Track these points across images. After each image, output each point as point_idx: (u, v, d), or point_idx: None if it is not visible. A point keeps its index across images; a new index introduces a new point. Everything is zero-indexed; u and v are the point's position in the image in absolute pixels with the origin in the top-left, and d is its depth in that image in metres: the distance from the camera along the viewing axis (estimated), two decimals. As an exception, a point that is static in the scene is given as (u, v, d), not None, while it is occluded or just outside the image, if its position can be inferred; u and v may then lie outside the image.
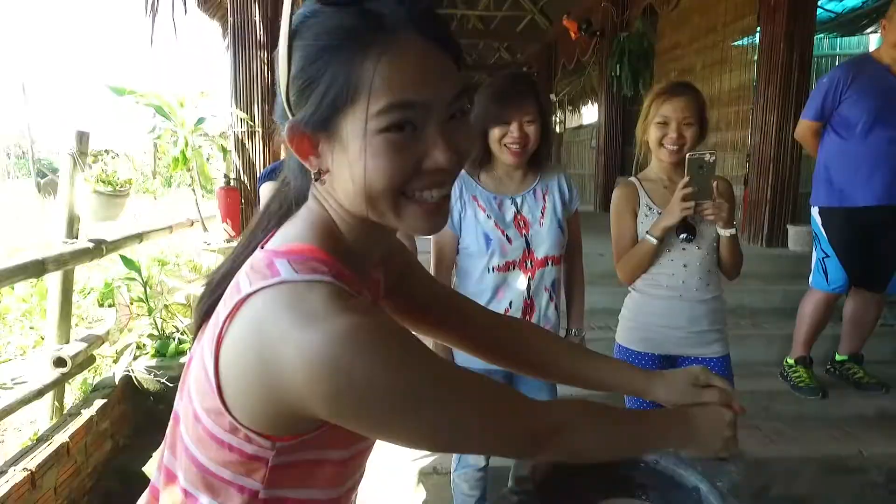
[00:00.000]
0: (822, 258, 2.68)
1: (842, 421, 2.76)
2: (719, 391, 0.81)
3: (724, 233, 1.70)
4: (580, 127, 10.66)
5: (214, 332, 0.57)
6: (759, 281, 3.65)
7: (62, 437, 2.09)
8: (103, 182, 2.27)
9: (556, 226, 1.68)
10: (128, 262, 2.48)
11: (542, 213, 1.67)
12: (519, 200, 1.67)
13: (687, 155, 1.64)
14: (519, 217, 1.66)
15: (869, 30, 5.20)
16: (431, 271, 1.73)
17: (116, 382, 2.48)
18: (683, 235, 1.70)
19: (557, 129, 11.15)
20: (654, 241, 1.69)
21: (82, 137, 2.34)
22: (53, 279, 2.32)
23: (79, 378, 2.66)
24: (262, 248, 0.61)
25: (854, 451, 2.52)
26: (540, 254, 1.66)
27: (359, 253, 0.64)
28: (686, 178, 1.63)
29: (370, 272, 0.71)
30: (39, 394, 2.21)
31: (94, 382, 2.55)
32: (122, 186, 2.32)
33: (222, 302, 0.59)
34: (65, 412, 2.34)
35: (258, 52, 3.69)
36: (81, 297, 3.62)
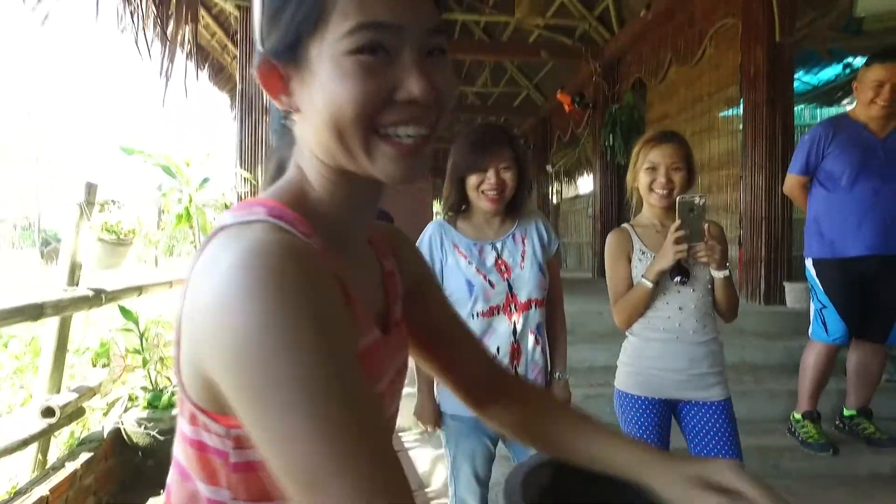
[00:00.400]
0: (820, 309, 2.68)
1: (855, 479, 2.67)
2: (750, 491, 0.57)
3: (718, 275, 1.71)
4: (576, 197, 10.92)
5: (177, 308, 0.52)
6: (760, 338, 3.63)
7: (42, 490, 2.00)
8: (107, 230, 2.31)
9: (536, 268, 1.68)
10: (126, 313, 2.48)
11: (523, 257, 1.69)
12: (499, 245, 1.69)
13: (677, 198, 1.67)
14: (500, 262, 1.68)
15: (845, 101, 5.46)
16: None
17: (105, 436, 2.41)
18: (678, 278, 1.71)
19: (554, 200, 11.40)
20: (649, 284, 1.71)
21: (91, 188, 2.41)
22: (50, 326, 2.32)
23: (66, 431, 2.59)
24: None
25: (870, 509, 2.42)
26: (523, 297, 1.66)
27: (339, 220, 0.57)
28: (677, 222, 1.66)
29: (381, 261, 0.66)
30: (24, 444, 2.14)
31: (82, 436, 2.48)
32: (125, 236, 2.36)
33: None
34: (48, 466, 2.25)
35: (263, 117, 3.87)
36: (76, 356, 3.58)
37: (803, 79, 4.89)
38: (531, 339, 1.70)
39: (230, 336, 0.44)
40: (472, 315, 1.65)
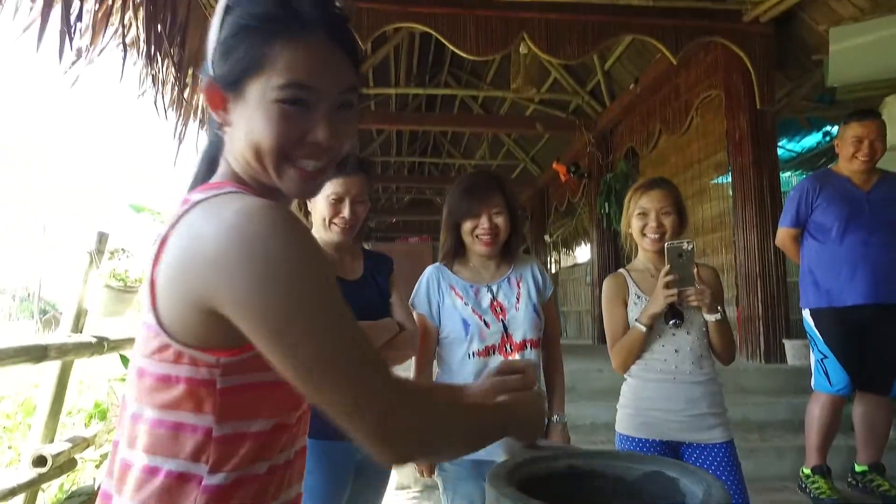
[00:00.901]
0: (821, 359, 2.68)
1: (871, 538, 2.57)
2: (523, 374, 0.85)
3: (710, 318, 1.74)
4: (574, 265, 11.03)
5: (147, 274, 0.63)
6: (763, 395, 3.60)
7: (29, 541, 1.93)
8: (115, 278, 2.36)
9: (531, 310, 1.71)
10: (125, 361, 2.47)
11: (518, 299, 1.72)
12: (494, 288, 1.73)
13: (666, 244, 1.73)
14: (495, 303, 1.71)
15: (829, 166, 5.69)
16: (412, 363, 1.76)
17: (95, 489, 2.34)
18: (672, 322, 1.74)
19: (553, 269, 11.51)
20: (643, 328, 1.73)
21: (102, 237, 2.48)
22: (50, 373, 2.31)
23: (55, 485, 2.50)
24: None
25: (890, 569, 2.32)
26: (518, 337, 1.68)
27: None
28: (667, 267, 1.71)
29: None
30: (12, 493, 2.07)
31: (72, 490, 2.39)
32: (132, 283, 2.41)
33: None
34: (35, 518, 2.18)
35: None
36: (69, 417, 3.51)
37: (787, 146, 5.12)
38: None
39: (253, 267, 0.55)
40: (469, 355, 1.67)
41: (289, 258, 0.57)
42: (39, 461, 2.18)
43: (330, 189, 1.58)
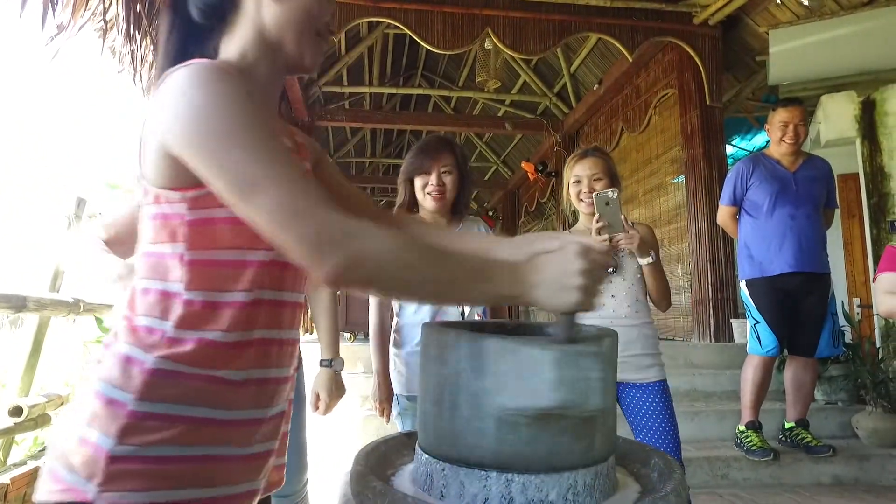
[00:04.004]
0: (754, 325, 2.92)
1: (798, 487, 2.81)
2: (574, 240, 0.70)
3: (642, 261, 1.92)
4: (545, 266, 11.27)
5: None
6: (710, 369, 3.83)
7: (3, 479, 2.03)
8: (92, 240, 2.47)
9: None
10: (101, 325, 2.57)
11: None
12: None
13: (593, 195, 1.89)
14: None
15: (761, 150, 6.06)
16: (371, 304, 1.92)
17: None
18: (610, 269, 1.94)
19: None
20: None
21: (80, 202, 2.59)
22: (27, 328, 2.41)
23: (30, 438, 2.57)
24: None
25: (812, 510, 2.55)
26: None
27: (260, 90, 0.79)
28: (596, 215, 1.89)
29: (294, 137, 0.88)
30: (-11, 439, 2.17)
31: (46, 444, 2.48)
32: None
33: None
34: (9, 464, 2.26)
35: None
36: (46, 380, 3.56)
37: (739, 144, 5.45)
38: (477, 318, 1.89)
39: (192, 107, 0.65)
40: None
41: (221, 98, 0.66)
42: (16, 411, 2.28)
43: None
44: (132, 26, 2.68)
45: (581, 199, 2.00)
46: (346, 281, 0.64)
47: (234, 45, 0.79)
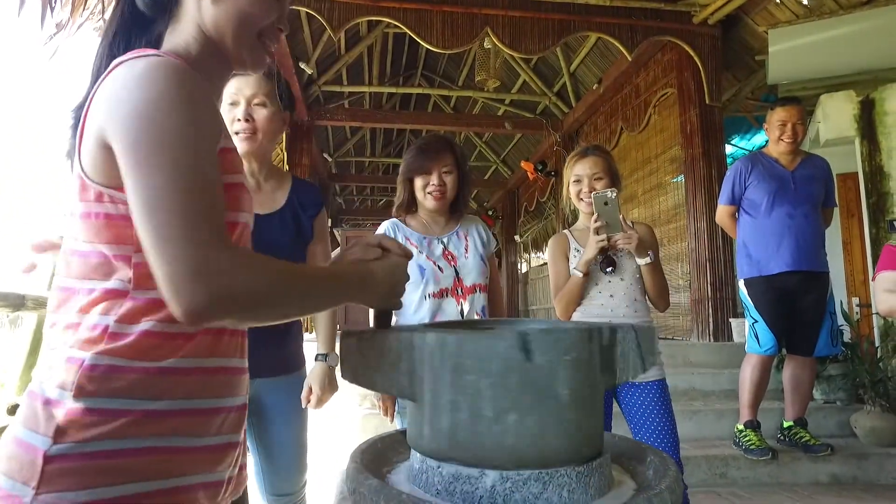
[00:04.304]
0: (753, 324, 2.92)
1: (796, 486, 2.81)
2: (394, 243, 0.81)
3: (640, 261, 1.93)
4: (543, 265, 11.27)
5: (80, 127, 0.70)
6: (709, 368, 3.84)
7: None
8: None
9: (479, 258, 1.90)
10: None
11: (466, 249, 1.91)
12: (445, 240, 1.91)
13: (592, 194, 1.91)
14: (447, 252, 1.89)
15: (760, 149, 6.07)
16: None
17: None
18: (608, 269, 1.94)
19: (523, 269, 11.76)
20: (580, 274, 1.93)
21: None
22: (26, 326, 2.41)
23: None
24: None
25: (810, 508, 2.55)
26: (468, 282, 1.87)
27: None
28: (595, 215, 1.90)
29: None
30: (-11, 438, 2.17)
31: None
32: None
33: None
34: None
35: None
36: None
37: (739, 144, 5.45)
38: (477, 318, 1.89)
39: (135, 104, 0.64)
40: (425, 296, 1.84)
41: (164, 100, 0.64)
42: (13, 410, 2.28)
43: (225, 95, 1.49)
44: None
45: (581, 199, 2.00)
46: (204, 320, 0.61)
47: (178, 37, 0.78)
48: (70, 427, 0.63)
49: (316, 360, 1.69)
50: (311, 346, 1.71)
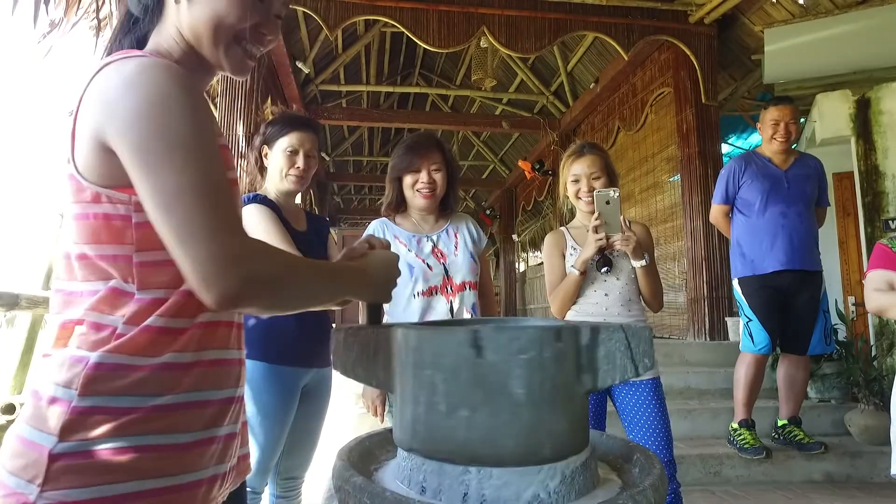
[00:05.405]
0: (747, 323, 2.93)
1: (790, 484, 2.82)
2: (378, 241, 0.89)
3: (636, 263, 1.93)
4: (541, 264, 11.28)
5: (69, 127, 0.69)
6: (704, 367, 3.84)
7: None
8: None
9: (469, 256, 1.89)
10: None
11: (456, 247, 1.90)
12: (435, 238, 1.90)
13: (594, 192, 1.91)
14: (436, 250, 1.88)
15: (753, 148, 6.08)
16: (361, 307, 1.94)
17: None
18: (604, 269, 1.94)
19: (520, 268, 11.77)
20: (577, 272, 1.93)
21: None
22: (21, 325, 2.41)
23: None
24: None
25: (803, 505, 2.56)
26: (458, 279, 1.86)
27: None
28: (595, 213, 1.90)
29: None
30: (-17, 437, 2.17)
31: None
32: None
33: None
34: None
35: (240, 161, 4.13)
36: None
37: (735, 143, 5.46)
38: (467, 316, 1.88)
39: (137, 104, 0.64)
40: (414, 294, 1.83)
41: (168, 101, 0.65)
42: (8, 409, 2.28)
43: (286, 143, 1.78)
44: (126, 24, 2.68)
45: (580, 198, 2.00)
46: (236, 304, 0.65)
47: (161, 38, 0.78)
48: (76, 425, 0.64)
49: None
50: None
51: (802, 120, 4.47)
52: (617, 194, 1.89)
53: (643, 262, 1.93)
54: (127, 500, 0.65)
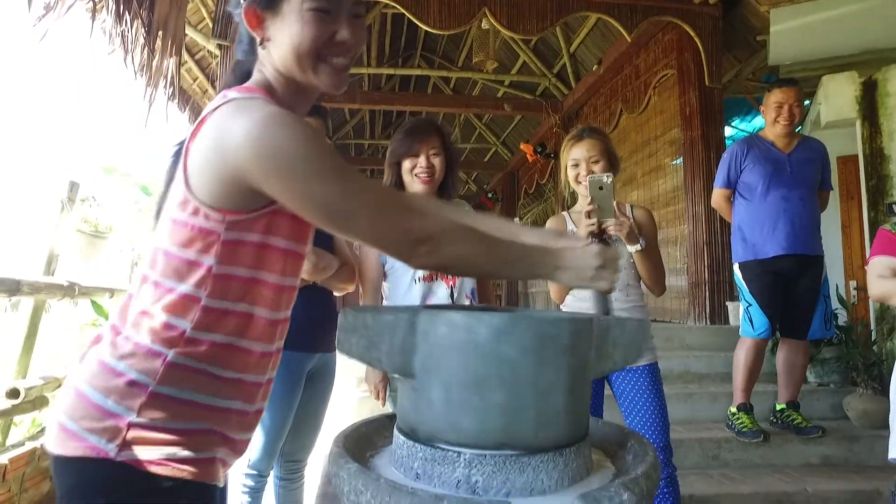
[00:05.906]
0: (747, 307, 2.93)
1: (787, 467, 2.84)
2: (593, 243, 0.95)
3: (630, 248, 1.91)
4: (544, 248, 11.27)
5: (183, 148, 0.82)
6: (704, 351, 3.85)
7: (1, 460, 2.06)
8: (86, 223, 2.47)
9: None
10: (97, 308, 2.58)
11: None
12: None
13: (588, 177, 1.88)
14: None
15: (756, 132, 6.02)
16: (362, 292, 1.95)
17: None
18: None
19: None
20: None
21: (73, 186, 2.59)
22: (23, 311, 2.42)
23: (28, 420, 2.61)
24: None
25: (800, 488, 2.58)
26: None
27: (288, 107, 0.88)
28: (589, 198, 1.88)
29: None
30: (-12, 420, 2.20)
31: (44, 425, 2.51)
32: (102, 229, 2.52)
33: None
34: (8, 444, 2.29)
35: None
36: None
37: (739, 126, 5.40)
38: (466, 302, 1.89)
39: (277, 148, 0.75)
40: (415, 280, 1.85)
41: (299, 140, 0.76)
42: (13, 393, 2.31)
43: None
44: (122, 7, 2.65)
45: (580, 182, 1.99)
46: (434, 268, 0.90)
47: (263, 75, 0.88)
48: (151, 407, 0.79)
49: None
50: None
51: (807, 102, 4.41)
52: (610, 179, 1.86)
53: (638, 247, 1.91)
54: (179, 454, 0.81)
